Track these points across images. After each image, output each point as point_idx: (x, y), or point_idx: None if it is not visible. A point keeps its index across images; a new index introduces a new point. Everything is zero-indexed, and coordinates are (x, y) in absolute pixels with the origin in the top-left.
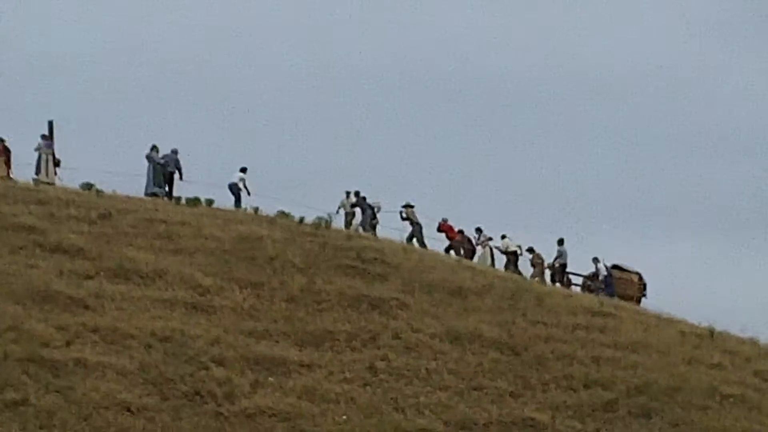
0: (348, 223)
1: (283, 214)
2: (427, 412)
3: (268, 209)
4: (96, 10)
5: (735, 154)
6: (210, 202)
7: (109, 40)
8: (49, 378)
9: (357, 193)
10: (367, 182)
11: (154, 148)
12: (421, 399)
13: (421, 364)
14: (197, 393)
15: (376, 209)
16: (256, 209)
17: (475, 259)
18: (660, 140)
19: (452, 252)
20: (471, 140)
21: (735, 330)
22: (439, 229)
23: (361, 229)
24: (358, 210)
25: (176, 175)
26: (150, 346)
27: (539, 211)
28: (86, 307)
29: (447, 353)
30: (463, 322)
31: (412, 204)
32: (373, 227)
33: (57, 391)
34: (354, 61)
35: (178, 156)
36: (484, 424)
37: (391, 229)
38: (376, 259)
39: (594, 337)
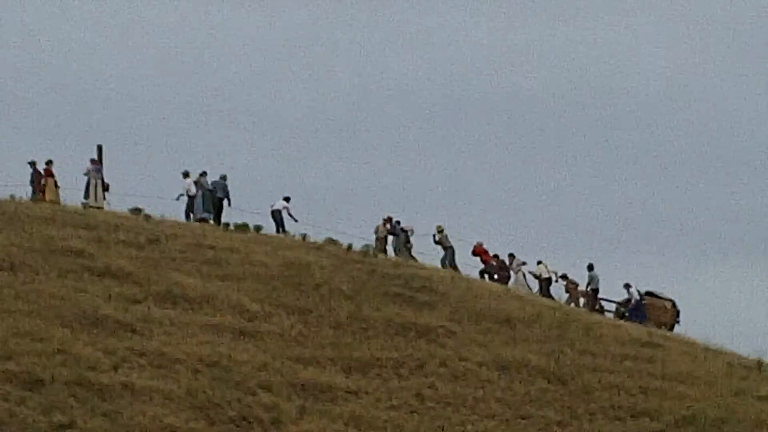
0: (381, 249)
1: (331, 241)
2: (478, 419)
3: (316, 236)
4: (140, 32)
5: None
6: (258, 228)
7: (156, 61)
8: (96, 401)
9: (390, 219)
10: (402, 202)
11: (203, 173)
12: (468, 427)
13: (468, 393)
14: (244, 418)
15: (409, 233)
16: (304, 236)
17: (510, 283)
18: (693, 161)
19: (486, 276)
20: (498, 160)
21: None
22: (474, 253)
23: (393, 252)
24: (390, 237)
25: (225, 202)
26: (197, 371)
27: (568, 234)
28: (134, 332)
29: (494, 382)
30: (511, 351)
31: (443, 227)
32: (408, 251)
33: (104, 415)
34: (390, 80)
35: (227, 182)
36: None
37: (421, 253)
38: (424, 287)
39: (642, 367)
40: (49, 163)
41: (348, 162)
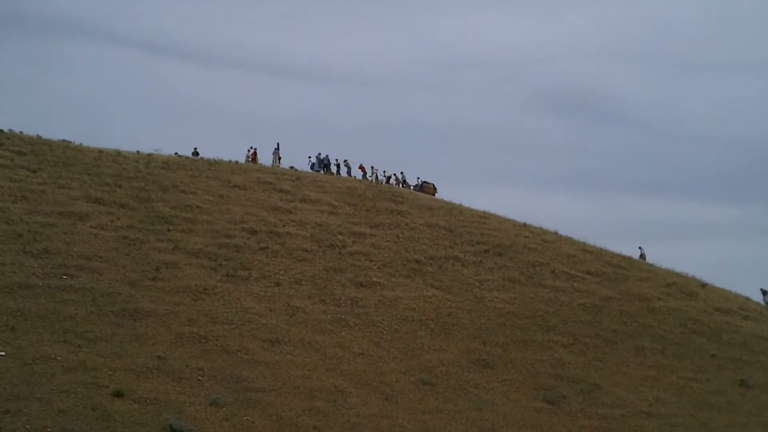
0: (330, 173)
1: (364, 178)
2: (419, 245)
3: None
4: None
5: None
6: (339, 174)
7: None
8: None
9: (328, 157)
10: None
11: (319, 154)
12: (417, 243)
13: (416, 234)
14: (332, 245)
15: (344, 162)
16: (354, 177)
17: (370, 178)
18: None
19: (363, 177)
20: None
21: (546, 226)
22: (359, 168)
23: (334, 171)
24: (340, 167)
25: (330, 166)
26: (319, 225)
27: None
28: (290, 212)
29: (425, 231)
30: (432, 219)
31: (347, 159)
32: (348, 171)
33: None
34: None
35: (329, 156)
36: (439, 257)
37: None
38: (400, 195)
39: (483, 226)
40: (256, 149)
41: None
